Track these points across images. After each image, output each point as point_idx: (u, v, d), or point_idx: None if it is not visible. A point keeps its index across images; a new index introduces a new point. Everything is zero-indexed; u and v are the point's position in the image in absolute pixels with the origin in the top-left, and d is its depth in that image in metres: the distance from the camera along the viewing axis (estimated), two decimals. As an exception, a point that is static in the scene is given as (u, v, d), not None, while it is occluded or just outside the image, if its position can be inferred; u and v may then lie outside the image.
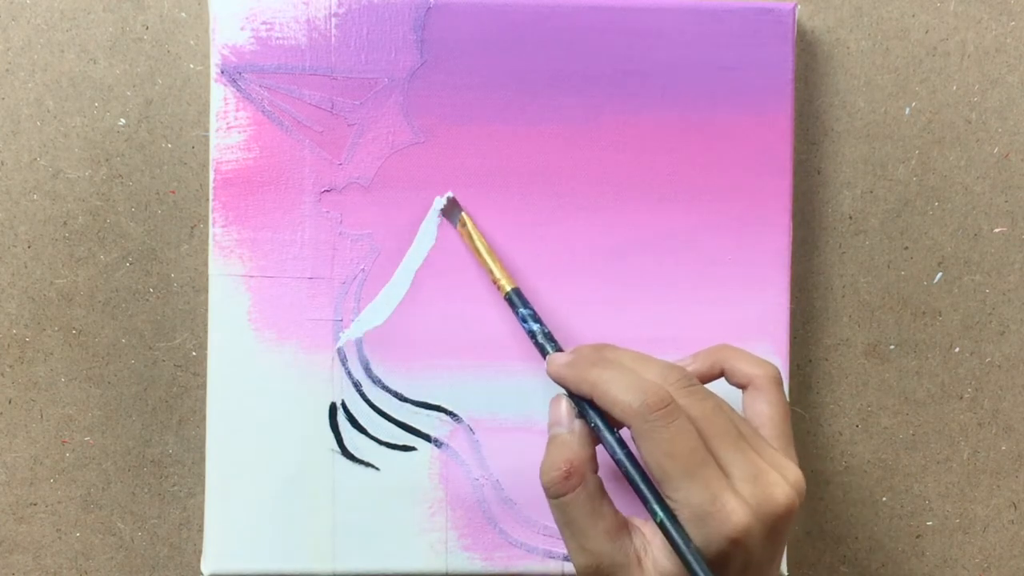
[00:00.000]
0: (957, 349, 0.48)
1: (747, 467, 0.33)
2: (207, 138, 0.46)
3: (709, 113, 0.45)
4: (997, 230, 0.48)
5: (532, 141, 0.45)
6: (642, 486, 0.34)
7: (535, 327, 0.40)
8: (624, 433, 0.36)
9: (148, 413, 0.47)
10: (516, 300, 0.42)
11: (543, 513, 0.45)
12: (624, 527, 0.35)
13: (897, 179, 0.48)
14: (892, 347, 0.48)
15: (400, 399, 0.45)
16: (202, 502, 0.46)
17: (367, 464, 0.44)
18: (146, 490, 0.47)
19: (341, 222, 0.44)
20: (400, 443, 0.45)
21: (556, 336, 0.42)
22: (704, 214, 0.45)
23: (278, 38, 0.44)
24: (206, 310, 0.46)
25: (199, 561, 0.47)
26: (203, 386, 0.46)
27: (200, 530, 0.47)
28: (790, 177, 0.45)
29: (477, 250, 0.43)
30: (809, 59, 0.47)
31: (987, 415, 0.49)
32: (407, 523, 0.44)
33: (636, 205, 0.45)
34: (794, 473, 0.34)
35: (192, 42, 0.46)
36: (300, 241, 0.44)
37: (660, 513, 0.33)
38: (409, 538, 0.44)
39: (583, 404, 0.36)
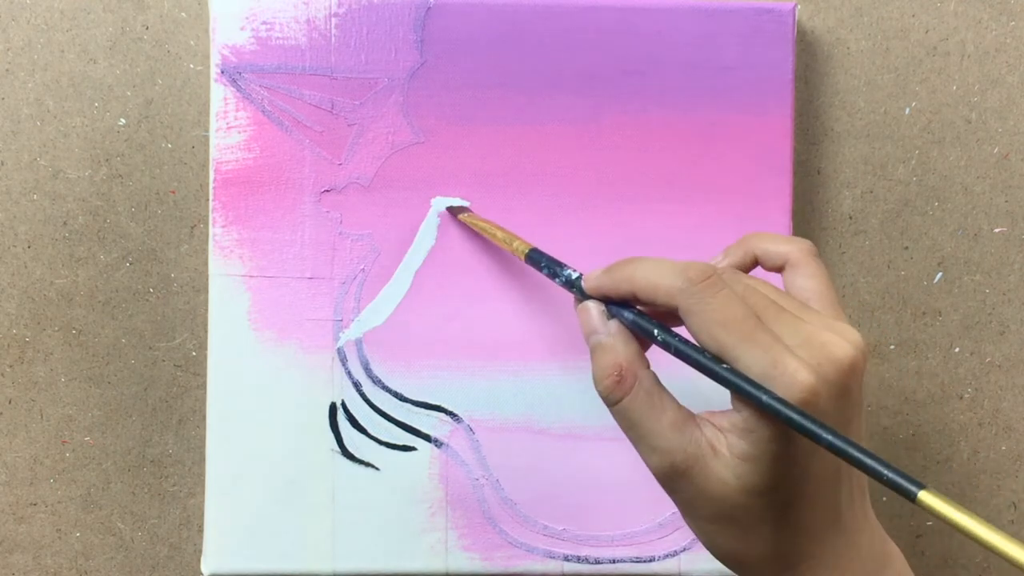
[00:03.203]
0: (957, 349, 0.48)
1: (799, 332, 0.32)
2: (207, 138, 0.46)
3: (709, 113, 0.45)
4: (997, 230, 0.48)
5: (532, 141, 0.45)
6: (701, 357, 0.32)
7: (567, 271, 0.36)
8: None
9: (148, 413, 0.47)
10: (537, 256, 0.38)
11: (543, 513, 0.45)
12: (690, 418, 0.34)
13: (897, 179, 0.48)
14: (892, 347, 0.48)
15: (400, 399, 0.45)
16: (202, 502, 0.46)
17: (367, 464, 0.44)
18: (146, 490, 0.47)
19: (341, 222, 0.44)
20: (400, 443, 0.45)
21: (555, 336, 0.41)
22: (704, 214, 0.45)
23: (278, 38, 0.44)
24: (206, 310, 0.46)
25: (199, 561, 0.47)
26: (203, 386, 0.46)
27: (200, 530, 0.47)
28: (790, 177, 0.45)
29: (485, 228, 0.42)
30: (809, 59, 0.47)
31: (987, 415, 0.49)
32: (407, 523, 0.44)
33: (636, 205, 0.45)
34: (851, 332, 0.32)
35: (192, 42, 0.46)
36: (300, 241, 0.44)
37: (726, 374, 0.31)
38: (409, 538, 0.44)
39: (621, 308, 0.34)
